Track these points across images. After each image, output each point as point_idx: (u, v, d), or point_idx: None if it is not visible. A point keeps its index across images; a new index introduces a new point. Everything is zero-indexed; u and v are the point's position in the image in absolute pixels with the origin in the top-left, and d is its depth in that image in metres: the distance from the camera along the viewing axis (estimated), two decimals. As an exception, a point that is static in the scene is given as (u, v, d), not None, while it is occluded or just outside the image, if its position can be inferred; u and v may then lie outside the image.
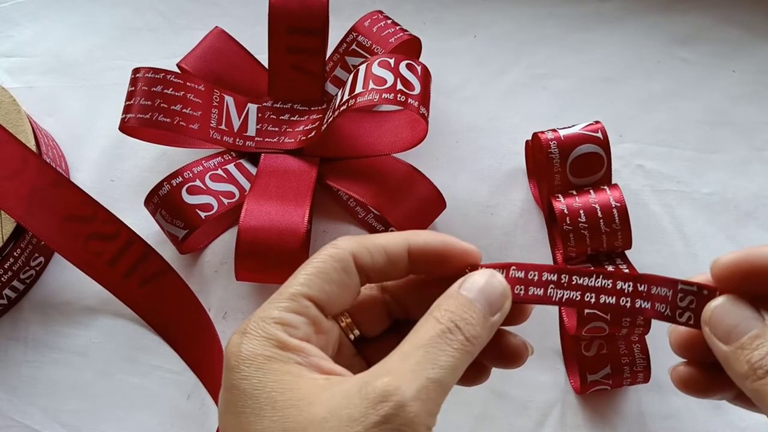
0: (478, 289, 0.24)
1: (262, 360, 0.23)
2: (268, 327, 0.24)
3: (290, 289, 0.25)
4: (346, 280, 0.25)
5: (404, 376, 0.22)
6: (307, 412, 0.22)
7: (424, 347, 0.23)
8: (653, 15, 0.48)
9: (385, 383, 0.21)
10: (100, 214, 0.39)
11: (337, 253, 0.25)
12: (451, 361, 0.23)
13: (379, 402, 0.21)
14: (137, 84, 0.40)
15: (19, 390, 0.39)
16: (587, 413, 0.37)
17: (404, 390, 0.21)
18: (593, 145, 0.35)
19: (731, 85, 0.45)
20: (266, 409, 0.22)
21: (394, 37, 0.43)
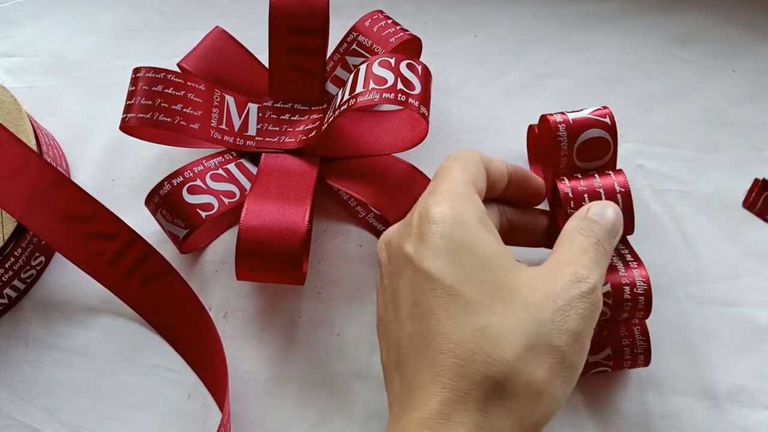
0: (605, 215, 0.32)
1: (478, 224, 0.29)
2: (468, 198, 0.30)
3: (463, 176, 0.32)
4: (484, 176, 0.33)
5: (586, 266, 0.29)
6: (517, 278, 0.28)
7: (587, 251, 0.30)
8: (653, 15, 0.48)
9: (577, 269, 0.28)
10: (100, 213, 0.39)
11: (473, 154, 0.33)
12: (603, 265, 0.30)
13: (577, 281, 0.28)
14: (138, 84, 0.40)
15: (20, 389, 0.39)
16: (587, 413, 0.37)
17: (592, 276, 0.28)
18: (601, 130, 0.35)
19: (731, 85, 0.45)
20: (481, 262, 0.28)
21: (395, 36, 0.43)
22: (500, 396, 0.26)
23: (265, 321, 0.40)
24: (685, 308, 0.39)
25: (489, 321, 0.26)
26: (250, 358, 0.39)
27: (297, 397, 0.38)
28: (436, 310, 0.27)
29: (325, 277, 0.41)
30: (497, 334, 0.26)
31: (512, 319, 0.26)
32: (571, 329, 0.27)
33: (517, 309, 0.27)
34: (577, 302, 0.27)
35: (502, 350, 0.26)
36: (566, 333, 0.26)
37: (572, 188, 0.35)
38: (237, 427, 0.37)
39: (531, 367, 0.26)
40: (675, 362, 0.38)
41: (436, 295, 0.27)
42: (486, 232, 0.29)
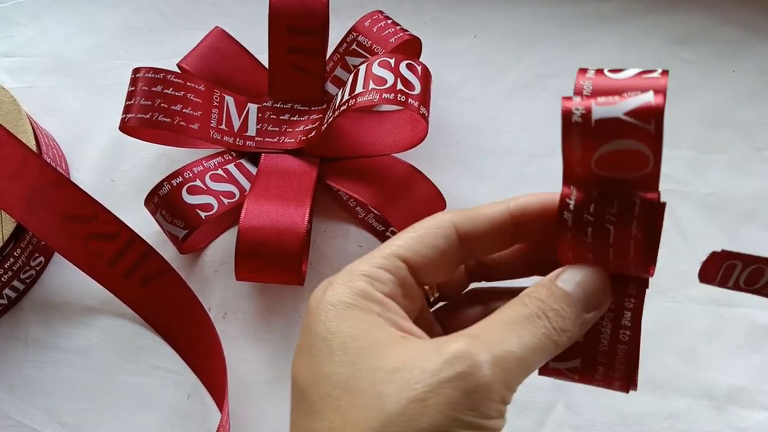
0: (576, 282, 0.24)
1: (342, 307, 0.23)
2: (355, 278, 0.24)
3: (386, 249, 0.25)
4: (444, 248, 0.25)
5: (485, 343, 0.21)
6: (378, 361, 0.21)
7: (510, 324, 0.23)
8: (653, 15, 0.48)
9: (464, 344, 0.21)
10: (100, 214, 0.39)
11: (438, 220, 0.25)
12: (536, 342, 0.22)
13: (454, 358, 0.21)
14: (137, 84, 0.40)
15: (20, 390, 0.39)
16: (587, 413, 0.37)
17: (482, 354, 0.21)
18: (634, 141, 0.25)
19: (732, 85, 0.45)
20: (337, 354, 0.22)
21: (395, 37, 0.43)
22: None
23: (264, 321, 0.40)
24: (685, 308, 0.39)
25: (326, 423, 0.21)
26: (249, 358, 0.39)
27: (297, 397, 0.38)
28: (292, 417, 0.23)
29: (324, 277, 0.40)
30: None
31: (353, 416, 0.21)
32: (429, 425, 0.20)
33: (364, 402, 0.21)
34: (443, 388, 0.20)
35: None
36: (421, 430, 0.20)
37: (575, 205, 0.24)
38: (236, 427, 0.37)
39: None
40: (675, 362, 0.38)
41: (293, 399, 0.24)
42: (357, 315, 0.23)
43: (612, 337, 0.26)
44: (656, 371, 0.37)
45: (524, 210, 0.25)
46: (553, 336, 0.23)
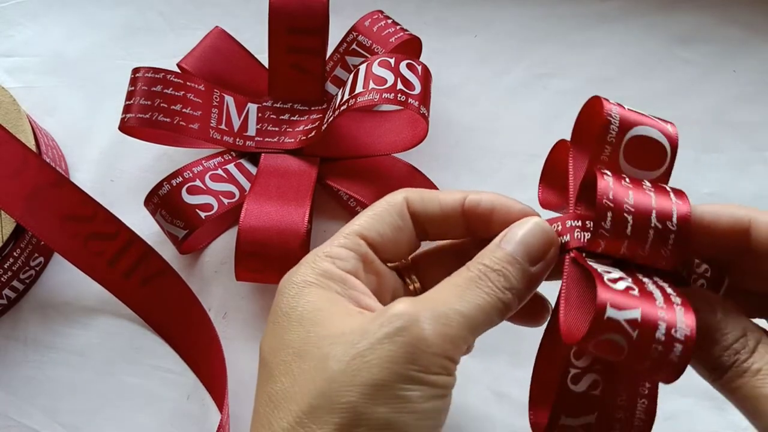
0: (516, 240, 0.24)
1: (303, 284, 0.25)
2: (318, 259, 0.25)
3: (347, 229, 0.26)
4: (399, 224, 0.26)
5: (426, 302, 0.23)
6: (329, 329, 0.23)
7: (454, 286, 0.23)
8: (654, 15, 0.48)
9: (405, 304, 0.22)
10: (99, 214, 0.38)
11: (392, 198, 0.27)
12: (480, 300, 0.23)
13: (394, 316, 0.22)
14: (137, 84, 0.40)
15: (19, 390, 0.39)
16: (587, 413, 0.37)
17: (422, 311, 0.22)
18: (660, 133, 0.28)
19: (732, 85, 0.45)
20: (294, 325, 0.24)
21: (395, 36, 0.43)
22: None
23: (264, 321, 0.40)
24: (685, 309, 0.39)
25: (278, 385, 0.23)
26: (249, 358, 0.39)
27: (296, 397, 0.38)
28: (257, 385, 0.25)
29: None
30: (281, 399, 0.22)
31: (301, 378, 0.22)
32: (370, 379, 0.21)
33: (311, 364, 0.22)
34: (382, 343, 0.21)
35: (282, 417, 0.22)
36: (361, 385, 0.21)
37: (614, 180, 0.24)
38: (236, 427, 0.37)
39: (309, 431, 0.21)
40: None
41: (258, 369, 0.25)
42: (316, 291, 0.24)
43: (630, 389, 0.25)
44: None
45: (477, 206, 0.26)
46: (498, 294, 0.23)
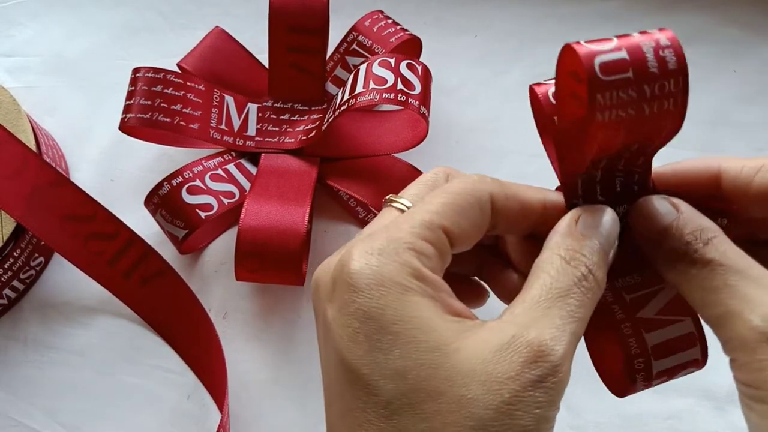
0: (594, 225, 0.23)
1: (400, 289, 0.21)
2: (402, 252, 0.22)
3: (423, 215, 0.23)
4: (478, 220, 0.24)
5: (552, 332, 0.21)
6: (453, 360, 0.21)
7: (563, 298, 0.22)
8: (654, 15, 0.48)
9: (538, 341, 0.20)
10: (99, 213, 0.38)
11: (475, 188, 0.24)
12: (586, 312, 0.22)
13: (533, 361, 0.20)
14: (137, 84, 0.40)
15: (19, 390, 0.39)
16: (588, 414, 0.37)
17: (557, 349, 0.20)
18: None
19: (732, 85, 0.45)
20: (408, 349, 0.21)
21: (395, 36, 0.43)
22: None
23: (264, 321, 0.40)
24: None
25: (411, 427, 0.20)
26: (249, 358, 0.39)
27: (296, 397, 0.38)
28: (354, 410, 0.21)
29: (324, 277, 0.41)
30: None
31: (442, 422, 0.20)
32: (522, 427, 0.20)
33: (450, 407, 0.20)
34: (529, 391, 0.20)
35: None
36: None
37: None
38: (236, 427, 0.37)
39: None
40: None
41: (354, 390, 0.21)
42: (418, 300, 0.21)
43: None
44: (657, 372, 0.37)
45: (557, 205, 0.25)
46: (598, 293, 0.22)
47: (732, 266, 0.21)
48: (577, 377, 0.38)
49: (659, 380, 0.24)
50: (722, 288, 0.21)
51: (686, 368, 0.24)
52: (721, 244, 0.22)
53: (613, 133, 0.22)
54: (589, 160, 0.23)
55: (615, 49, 0.22)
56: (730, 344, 0.21)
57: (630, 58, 0.21)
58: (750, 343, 0.20)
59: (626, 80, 0.21)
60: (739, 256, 0.22)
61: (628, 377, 0.24)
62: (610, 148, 0.23)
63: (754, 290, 0.21)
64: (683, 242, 0.22)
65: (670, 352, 0.24)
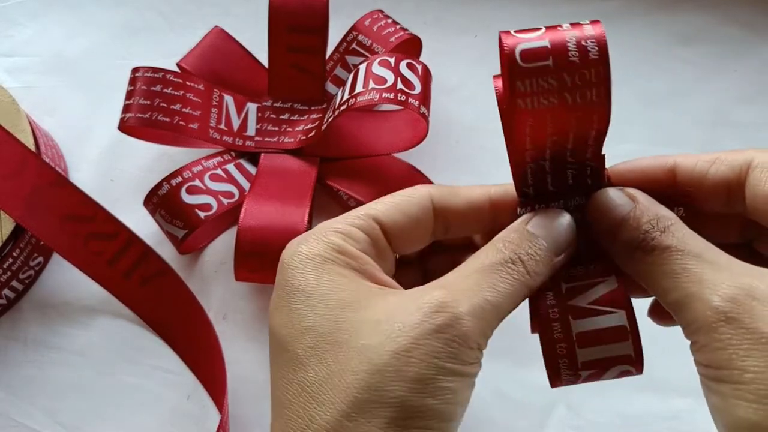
0: (545, 226, 0.24)
1: (319, 260, 0.23)
2: (329, 234, 0.24)
3: (361, 211, 0.25)
4: (418, 217, 0.26)
5: (462, 293, 0.22)
6: (358, 314, 0.22)
7: (484, 271, 0.23)
8: (654, 14, 0.47)
9: (442, 295, 0.22)
10: (99, 213, 0.38)
11: (414, 190, 0.26)
12: (510, 289, 0.23)
13: (434, 312, 0.21)
14: (136, 83, 0.40)
15: (19, 390, 0.39)
16: (588, 414, 0.37)
17: (460, 304, 0.22)
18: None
19: (733, 85, 0.45)
20: (318, 307, 0.23)
21: (395, 36, 0.43)
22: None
23: (264, 322, 0.40)
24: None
25: (312, 375, 0.22)
26: (249, 359, 0.39)
27: (296, 397, 0.38)
28: (274, 370, 0.24)
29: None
30: (319, 390, 0.22)
31: (340, 369, 0.21)
32: (417, 374, 0.21)
33: (349, 355, 0.21)
34: (426, 339, 0.21)
35: (325, 411, 0.21)
36: (409, 380, 0.21)
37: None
38: (236, 428, 0.37)
39: (360, 427, 0.21)
40: (676, 363, 0.37)
41: (274, 352, 0.24)
42: (335, 269, 0.23)
43: None
44: (657, 372, 0.37)
45: (504, 197, 0.26)
46: (527, 280, 0.23)
47: (690, 251, 0.22)
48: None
49: (588, 372, 0.24)
50: (680, 273, 0.22)
51: (617, 364, 0.24)
52: (678, 231, 0.23)
53: (539, 122, 0.23)
54: (527, 148, 0.24)
55: (538, 38, 0.23)
56: (691, 327, 0.21)
57: (551, 47, 0.22)
58: (710, 324, 0.20)
59: (545, 68, 0.22)
60: (696, 240, 0.22)
61: (551, 362, 0.24)
62: (542, 137, 0.24)
63: (711, 273, 0.21)
64: (641, 231, 0.23)
65: (596, 342, 0.24)
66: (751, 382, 0.19)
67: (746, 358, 0.19)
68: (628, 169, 0.26)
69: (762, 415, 0.19)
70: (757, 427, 0.19)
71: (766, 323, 0.19)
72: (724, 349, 0.20)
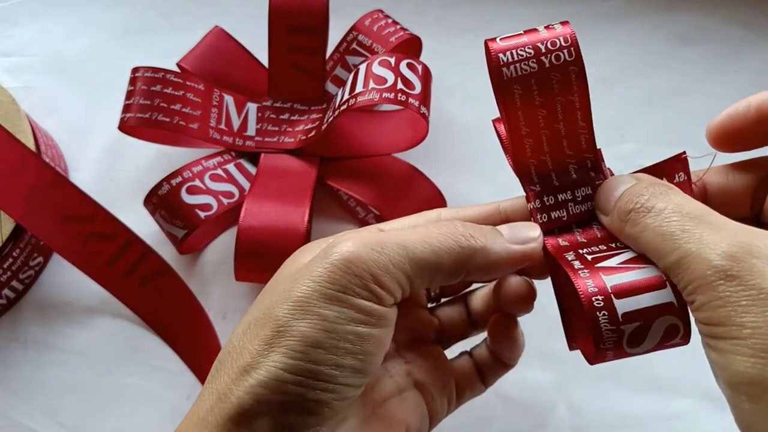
0: (508, 226, 0.26)
1: (305, 247, 0.27)
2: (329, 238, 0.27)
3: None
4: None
5: (372, 236, 0.24)
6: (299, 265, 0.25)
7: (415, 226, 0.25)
8: (655, 14, 0.47)
9: (350, 234, 0.24)
10: (99, 213, 0.38)
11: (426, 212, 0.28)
12: (432, 239, 0.24)
13: (331, 246, 0.23)
14: (136, 83, 0.40)
15: (19, 390, 0.39)
16: (588, 414, 0.37)
17: (359, 240, 0.23)
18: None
19: (733, 85, 0.45)
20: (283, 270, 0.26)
21: (395, 36, 0.43)
22: (211, 376, 0.24)
23: (264, 322, 0.40)
24: (686, 309, 0.39)
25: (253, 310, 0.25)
26: (249, 358, 0.39)
27: (296, 398, 0.38)
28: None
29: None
30: (241, 321, 0.25)
31: (258, 302, 0.25)
32: (295, 296, 0.23)
33: (279, 288, 0.24)
34: (311, 264, 0.23)
35: (238, 328, 0.24)
36: (289, 301, 0.23)
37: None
38: (236, 428, 0.37)
39: (244, 341, 0.23)
40: (676, 363, 0.38)
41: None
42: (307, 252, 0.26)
43: None
44: (658, 372, 0.37)
45: (514, 207, 0.27)
46: (459, 240, 0.24)
47: (688, 213, 0.22)
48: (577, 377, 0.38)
49: (631, 327, 0.23)
50: (678, 234, 0.22)
51: (662, 313, 0.23)
52: (677, 195, 0.23)
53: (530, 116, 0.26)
54: (525, 146, 0.26)
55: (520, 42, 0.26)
56: (691, 286, 0.21)
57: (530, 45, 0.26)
58: (710, 282, 0.21)
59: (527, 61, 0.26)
60: (695, 204, 0.23)
61: (590, 319, 0.22)
62: (537, 131, 0.26)
63: (710, 233, 0.21)
64: (638, 195, 0.24)
65: (634, 292, 0.23)
66: (749, 337, 0.20)
67: (745, 314, 0.20)
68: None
69: (760, 369, 0.19)
70: (755, 380, 0.19)
71: (765, 279, 0.20)
72: (724, 306, 0.20)
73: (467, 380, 0.30)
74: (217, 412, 0.22)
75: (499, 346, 0.30)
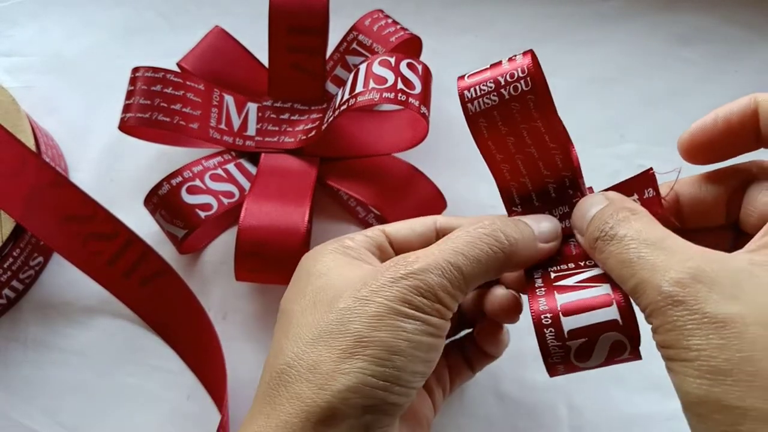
0: (531, 218, 0.28)
1: (325, 252, 0.29)
2: (340, 239, 0.30)
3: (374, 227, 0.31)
4: (428, 236, 0.31)
5: (426, 256, 0.26)
6: (338, 280, 0.27)
7: (454, 241, 0.26)
8: (655, 14, 0.48)
9: (405, 255, 0.26)
10: (99, 213, 0.38)
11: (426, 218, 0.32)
12: (478, 253, 0.26)
13: (396, 264, 0.26)
14: (136, 83, 0.40)
15: (19, 390, 0.39)
16: (588, 414, 0.37)
17: (421, 260, 0.26)
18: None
19: (733, 85, 0.45)
20: (312, 279, 0.28)
21: (395, 36, 0.43)
22: (283, 384, 0.25)
23: (264, 321, 0.40)
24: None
25: (298, 322, 0.27)
26: (249, 358, 0.39)
27: (296, 397, 0.38)
28: (276, 334, 0.28)
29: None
30: (294, 332, 0.26)
31: (314, 315, 0.26)
32: (372, 312, 0.25)
33: (323, 307, 0.26)
34: (384, 287, 0.25)
35: (293, 344, 0.26)
36: (366, 316, 0.25)
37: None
38: (236, 427, 0.37)
39: (317, 351, 0.25)
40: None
41: (278, 322, 0.29)
42: (334, 255, 0.29)
43: None
44: (658, 372, 0.37)
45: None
46: (501, 246, 0.26)
47: (645, 239, 0.24)
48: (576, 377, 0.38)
49: (577, 343, 0.25)
50: (635, 260, 0.23)
51: (605, 330, 0.25)
52: (638, 221, 0.25)
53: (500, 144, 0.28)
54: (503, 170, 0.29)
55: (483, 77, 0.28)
56: (647, 311, 0.23)
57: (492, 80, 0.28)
58: (660, 307, 0.22)
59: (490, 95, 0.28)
60: (654, 229, 0.24)
61: (539, 335, 0.25)
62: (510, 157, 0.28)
63: (663, 259, 0.23)
64: (603, 222, 0.25)
65: (581, 310, 0.25)
66: (695, 359, 0.21)
67: (690, 337, 0.21)
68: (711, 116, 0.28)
69: (706, 390, 0.21)
70: (702, 400, 0.21)
71: (708, 304, 0.21)
72: (673, 330, 0.22)
73: (457, 370, 0.33)
74: (303, 416, 0.24)
75: (486, 346, 0.33)
